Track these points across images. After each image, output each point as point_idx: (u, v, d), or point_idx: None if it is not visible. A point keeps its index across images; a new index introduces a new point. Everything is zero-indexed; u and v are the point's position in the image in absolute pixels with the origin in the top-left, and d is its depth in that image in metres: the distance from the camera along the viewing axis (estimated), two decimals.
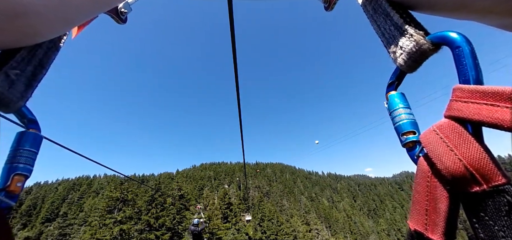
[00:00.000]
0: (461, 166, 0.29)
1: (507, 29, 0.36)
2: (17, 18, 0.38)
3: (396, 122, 0.49)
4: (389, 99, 0.52)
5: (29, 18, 0.39)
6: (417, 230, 0.36)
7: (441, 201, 0.33)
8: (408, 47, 0.44)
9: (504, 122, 0.27)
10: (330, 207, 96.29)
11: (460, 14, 0.40)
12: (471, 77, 0.34)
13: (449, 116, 0.34)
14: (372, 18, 0.58)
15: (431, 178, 0.35)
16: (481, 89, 0.31)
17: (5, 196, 0.46)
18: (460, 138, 0.31)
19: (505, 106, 0.28)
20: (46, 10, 0.40)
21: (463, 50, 0.35)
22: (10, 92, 0.45)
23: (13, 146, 0.51)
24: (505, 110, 0.27)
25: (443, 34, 0.39)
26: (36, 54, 0.50)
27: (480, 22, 0.39)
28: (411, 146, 0.45)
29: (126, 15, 0.84)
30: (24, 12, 0.37)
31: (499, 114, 0.28)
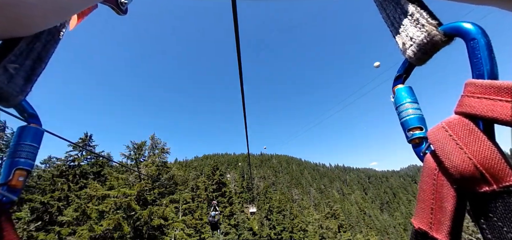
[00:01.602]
0: (471, 165, 0.28)
1: None
2: (6, 8, 0.36)
3: (403, 117, 0.46)
4: (396, 93, 0.49)
5: (20, 7, 0.37)
6: (422, 228, 0.35)
7: (447, 200, 0.32)
8: (418, 38, 0.41)
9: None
10: (341, 199, 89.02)
11: None
12: (485, 71, 0.32)
13: (460, 112, 0.33)
14: (381, 6, 0.54)
15: (437, 176, 0.34)
16: (497, 85, 0.29)
17: (7, 191, 0.46)
18: (470, 136, 0.30)
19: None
20: (39, 0, 0.38)
21: (478, 42, 0.33)
22: (9, 86, 0.45)
23: (14, 141, 0.51)
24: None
25: (457, 25, 0.36)
26: (34, 47, 0.50)
27: (502, 8, 0.35)
28: (417, 142, 0.44)
29: (126, 5, 0.80)
30: (16, 2, 0.36)
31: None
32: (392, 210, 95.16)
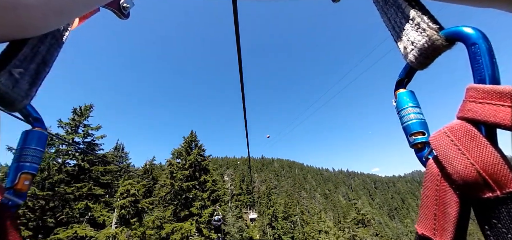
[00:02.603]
0: (473, 171, 0.28)
1: None
2: (7, 11, 0.37)
3: (405, 121, 0.46)
4: (397, 98, 0.49)
5: (19, 10, 0.37)
6: (425, 234, 0.34)
7: (450, 206, 0.31)
8: (419, 42, 0.41)
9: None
10: (348, 205, 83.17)
11: (482, 1, 0.36)
12: (487, 76, 0.32)
13: (462, 117, 0.32)
14: (382, 10, 0.54)
15: (440, 182, 0.33)
16: (499, 90, 0.29)
17: (13, 195, 0.47)
18: (473, 141, 0.29)
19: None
20: (37, 2, 0.38)
21: (479, 47, 0.33)
22: (14, 91, 0.45)
23: (19, 145, 0.52)
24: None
25: (457, 29, 0.36)
26: (39, 51, 0.50)
27: (504, 10, 0.34)
28: (420, 147, 0.43)
29: (128, 10, 0.80)
30: (13, 4, 0.36)
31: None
32: (402, 216, 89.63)
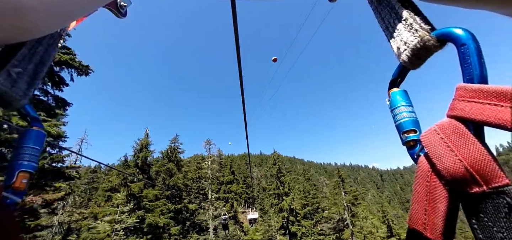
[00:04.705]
0: (461, 167, 0.29)
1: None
2: (11, 14, 0.37)
3: (397, 120, 0.47)
4: (391, 97, 0.50)
5: (25, 14, 0.38)
6: (416, 229, 0.35)
7: (440, 201, 0.32)
8: (412, 43, 0.42)
9: (507, 122, 0.27)
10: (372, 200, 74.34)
11: (475, 3, 0.37)
12: (475, 76, 0.33)
13: (451, 116, 0.34)
14: (376, 10, 0.55)
15: (431, 178, 0.34)
16: (486, 89, 0.30)
17: (11, 193, 0.47)
18: (461, 138, 0.31)
19: (509, 106, 0.27)
20: (42, 6, 0.39)
21: (468, 47, 0.34)
22: (13, 90, 0.46)
23: (17, 143, 0.52)
24: (509, 110, 0.27)
25: (447, 30, 0.37)
26: (37, 51, 0.51)
27: (499, 12, 0.35)
28: (411, 144, 0.44)
29: (126, 8, 0.82)
30: (19, 8, 0.36)
31: (503, 115, 0.27)
32: None
